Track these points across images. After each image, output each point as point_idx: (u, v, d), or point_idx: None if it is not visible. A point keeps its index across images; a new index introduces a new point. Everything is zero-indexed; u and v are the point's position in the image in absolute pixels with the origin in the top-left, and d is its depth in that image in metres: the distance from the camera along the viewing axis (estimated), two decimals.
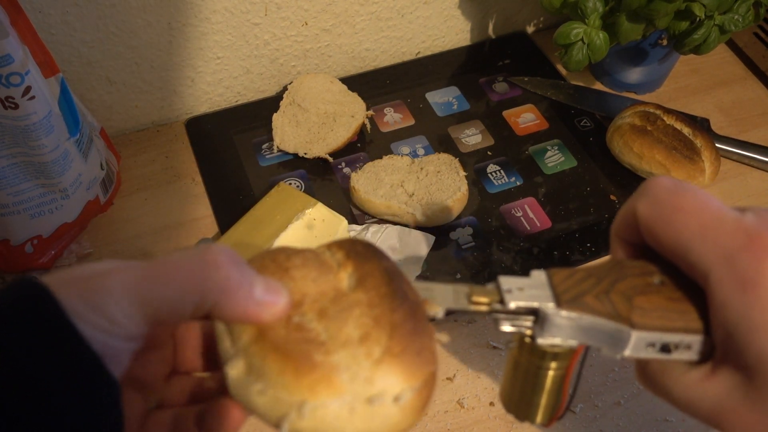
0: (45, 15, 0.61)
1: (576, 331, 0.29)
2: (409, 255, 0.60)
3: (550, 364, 0.30)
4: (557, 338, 0.29)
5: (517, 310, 0.29)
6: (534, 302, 0.29)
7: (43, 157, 0.54)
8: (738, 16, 0.64)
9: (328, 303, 0.27)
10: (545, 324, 0.29)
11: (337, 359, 0.25)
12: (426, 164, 0.66)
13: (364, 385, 0.25)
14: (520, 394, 0.32)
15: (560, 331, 0.29)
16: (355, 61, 0.80)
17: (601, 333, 0.29)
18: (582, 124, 0.75)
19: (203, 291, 0.24)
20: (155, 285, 0.24)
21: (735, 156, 0.73)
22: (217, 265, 0.25)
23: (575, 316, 0.28)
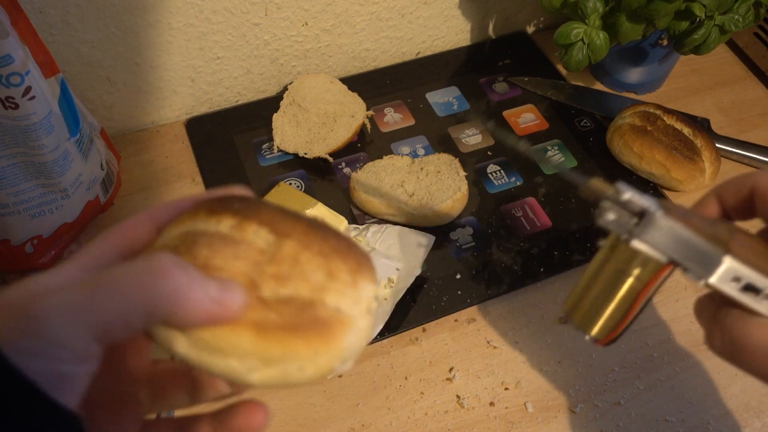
0: (45, 15, 0.61)
1: (672, 242, 0.30)
2: (409, 255, 0.60)
3: (634, 270, 0.31)
4: (652, 246, 0.30)
5: (628, 203, 0.30)
6: (646, 202, 0.30)
7: (43, 157, 0.54)
8: (738, 16, 0.64)
9: (271, 267, 0.26)
10: (648, 225, 0.30)
11: (332, 303, 0.26)
12: (426, 164, 0.66)
13: (359, 305, 0.27)
14: (591, 298, 0.33)
15: (659, 238, 0.30)
16: (355, 61, 0.80)
17: (696, 250, 0.29)
18: (582, 124, 0.75)
19: (153, 301, 0.23)
20: (98, 301, 0.23)
21: (735, 156, 0.73)
22: (164, 273, 0.23)
23: (678, 226, 0.29)
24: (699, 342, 0.59)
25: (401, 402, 0.55)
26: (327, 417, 0.54)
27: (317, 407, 0.54)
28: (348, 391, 0.55)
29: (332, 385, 0.56)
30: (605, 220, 0.31)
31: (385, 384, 0.56)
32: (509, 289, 0.61)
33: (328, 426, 0.54)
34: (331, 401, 0.55)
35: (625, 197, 0.30)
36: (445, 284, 0.61)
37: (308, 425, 0.54)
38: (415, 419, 0.54)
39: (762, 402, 0.56)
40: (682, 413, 0.55)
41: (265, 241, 0.27)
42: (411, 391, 0.56)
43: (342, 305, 0.26)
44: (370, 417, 0.54)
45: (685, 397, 0.56)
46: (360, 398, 0.55)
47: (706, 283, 0.29)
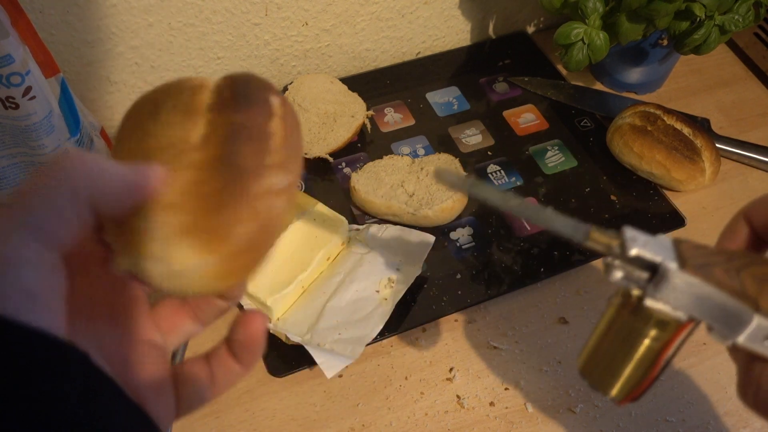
0: (46, 15, 0.61)
1: (692, 300, 0.26)
2: (409, 255, 0.60)
3: (651, 331, 0.28)
4: (668, 304, 0.27)
5: (636, 260, 0.27)
6: (657, 256, 0.26)
7: (43, 157, 0.54)
8: (738, 16, 0.64)
9: (170, 158, 0.26)
10: (662, 283, 0.26)
11: (148, 222, 0.24)
12: (426, 164, 0.66)
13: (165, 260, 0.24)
14: (606, 358, 0.29)
15: (675, 296, 0.26)
16: (355, 62, 0.80)
17: (719, 308, 0.26)
18: (582, 125, 0.75)
19: (73, 192, 0.22)
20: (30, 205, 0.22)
21: (735, 156, 0.73)
22: (75, 158, 0.23)
23: (697, 283, 0.26)
24: (699, 342, 0.59)
25: (401, 402, 0.55)
26: (327, 417, 0.54)
27: (317, 407, 0.54)
28: (348, 391, 0.55)
29: (332, 385, 0.56)
30: (613, 279, 0.27)
31: (385, 384, 0.56)
32: (509, 289, 0.61)
33: (328, 426, 0.54)
34: (331, 401, 0.55)
35: (633, 253, 0.26)
36: (445, 284, 0.61)
37: (308, 425, 0.54)
38: (415, 419, 0.54)
39: None
40: (682, 413, 0.55)
41: (196, 138, 0.26)
42: (411, 391, 0.56)
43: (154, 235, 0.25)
44: (370, 417, 0.54)
45: (685, 397, 0.56)
46: (360, 398, 0.55)
47: (734, 344, 0.26)
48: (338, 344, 0.54)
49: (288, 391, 0.55)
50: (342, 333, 0.55)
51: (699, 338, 0.59)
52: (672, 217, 0.67)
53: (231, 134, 0.25)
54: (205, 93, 0.27)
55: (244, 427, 0.53)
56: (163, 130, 0.26)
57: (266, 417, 0.54)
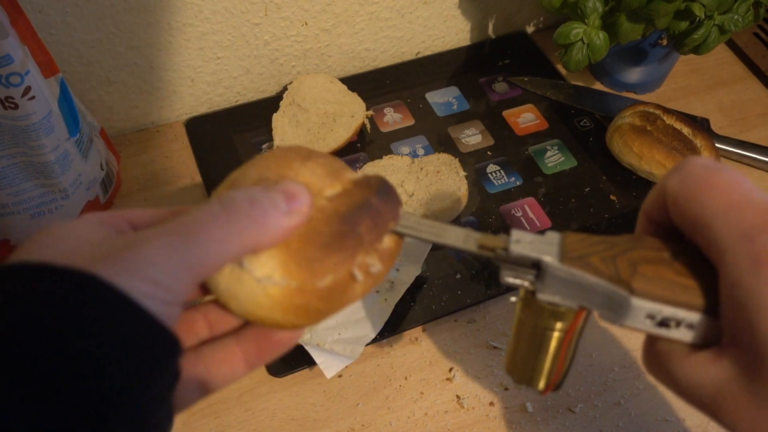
0: (45, 15, 0.61)
1: (575, 290, 0.28)
2: (408, 255, 0.60)
3: (552, 323, 0.30)
4: (557, 296, 0.29)
5: (519, 260, 0.29)
6: (536, 254, 0.28)
7: (43, 157, 0.54)
8: (738, 16, 0.64)
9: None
10: (545, 278, 0.28)
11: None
12: (426, 164, 0.66)
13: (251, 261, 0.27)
14: (521, 354, 0.32)
15: (560, 288, 0.28)
16: (354, 61, 0.80)
17: (600, 295, 0.28)
18: (582, 124, 0.75)
19: (240, 241, 0.25)
20: (194, 248, 0.24)
21: (735, 156, 0.73)
22: (240, 210, 0.25)
23: (575, 273, 0.28)
24: None
25: (401, 402, 0.55)
26: (327, 417, 0.54)
27: (317, 407, 0.54)
28: (348, 391, 0.55)
29: (332, 385, 0.56)
30: (503, 281, 0.29)
31: (385, 384, 0.56)
32: (509, 289, 0.61)
33: (328, 426, 0.54)
34: (331, 401, 0.55)
35: (515, 254, 0.28)
36: (445, 284, 0.61)
37: (308, 425, 0.54)
38: (415, 419, 0.54)
39: None
40: (682, 413, 0.55)
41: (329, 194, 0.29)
42: (411, 391, 0.56)
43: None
44: (370, 417, 0.54)
45: None
46: (360, 398, 0.55)
47: (621, 325, 0.28)
48: (338, 344, 0.54)
49: (288, 391, 0.55)
50: (342, 333, 0.55)
51: None
52: None
53: (362, 205, 0.28)
54: (352, 173, 0.30)
55: (244, 427, 0.53)
56: (305, 173, 0.29)
57: (266, 417, 0.54)
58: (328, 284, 0.27)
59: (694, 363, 0.27)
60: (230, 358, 0.29)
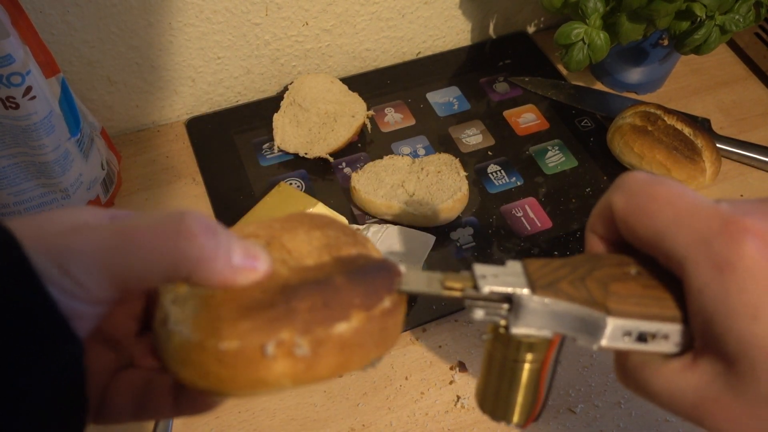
0: (46, 15, 0.61)
1: (551, 319, 0.28)
2: (409, 255, 0.60)
3: (526, 356, 0.29)
4: (532, 327, 0.28)
5: (490, 296, 0.28)
6: (508, 288, 0.28)
7: (43, 157, 0.54)
8: (739, 16, 0.64)
9: (279, 261, 0.27)
10: (520, 311, 0.28)
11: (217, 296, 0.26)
12: (426, 164, 0.66)
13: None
14: (495, 390, 0.31)
15: (535, 319, 0.28)
16: (355, 61, 0.80)
17: (577, 320, 0.28)
18: (583, 125, 0.75)
19: (176, 262, 0.24)
20: (125, 254, 0.23)
21: (736, 156, 0.73)
22: (191, 235, 0.24)
23: (550, 302, 0.27)
24: None
25: (401, 402, 0.55)
26: (327, 417, 0.54)
27: (317, 407, 0.54)
28: (348, 391, 0.55)
29: (333, 385, 0.56)
30: (476, 319, 0.29)
31: (386, 384, 0.56)
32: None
33: (329, 426, 0.54)
34: (332, 401, 0.55)
35: (486, 291, 0.28)
36: None
37: (308, 425, 0.54)
38: (416, 419, 0.54)
39: None
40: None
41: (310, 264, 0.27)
42: (411, 391, 0.56)
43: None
44: (371, 417, 0.54)
45: None
46: (360, 398, 0.55)
47: (599, 347, 0.28)
48: None
49: (288, 391, 0.55)
50: None
51: None
52: None
53: (317, 281, 0.26)
54: (353, 249, 0.28)
55: (244, 427, 0.53)
56: (302, 240, 0.27)
57: (266, 417, 0.54)
58: (230, 349, 0.24)
59: (671, 372, 0.27)
60: (162, 394, 0.28)
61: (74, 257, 0.23)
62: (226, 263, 0.24)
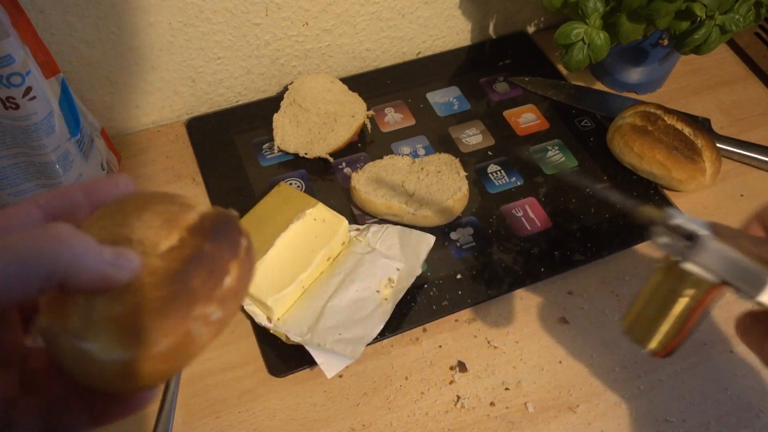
0: (46, 15, 0.61)
1: (723, 264, 0.31)
2: (409, 255, 0.60)
3: (687, 290, 0.33)
4: (703, 267, 0.32)
5: (678, 228, 0.32)
6: (695, 226, 0.32)
7: (43, 157, 0.54)
8: (739, 16, 0.64)
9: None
10: (699, 248, 0.32)
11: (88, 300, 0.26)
12: (426, 164, 0.66)
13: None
14: (647, 314, 0.35)
15: (709, 260, 0.31)
16: (355, 61, 0.80)
17: (745, 271, 0.31)
18: (582, 124, 0.75)
19: (49, 264, 0.23)
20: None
21: (736, 156, 0.73)
22: (61, 237, 0.24)
23: (727, 248, 0.31)
24: (699, 342, 0.59)
25: (401, 402, 0.55)
26: (327, 417, 0.54)
27: (317, 407, 0.54)
28: (348, 391, 0.55)
29: (333, 385, 0.56)
30: (658, 243, 0.33)
31: (386, 384, 0.56)
32: (509, 289, 0.61)
33: (329, 426, 0.54)
34: (332, 401, 0.55)
35: (675, 222, 0.32)
36: (445, 284, 0.61)
37: (308, 425, 0.54)
38: (416, 419, 0.54)
39: (762, 402, 0.56)
40: (683, 413, 0.55)
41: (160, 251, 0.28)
42: (411, 391, 0.56)
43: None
44: (371, 417, 0.54)
45: (685, 397, 0.56)
46: (360, 398, 0.55)
47: (757, 301, 0.31)
48: (338, 344, 0.54)
49: (288, 391, 0.55)
50: (342, 333, 0.55)
51: (700, 339, 0.59)
52: None
53: (195, 256, 0.27)
54: (191, 214, 0.29)
55: (244, 427, 0.53)
56: (141, 227, 0.28)
57: (266, 417, 0.54)
58: (165, 348, 0.26)
59: None
60: (73, 408, 0.28)
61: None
62: (100, 259, 0.24)
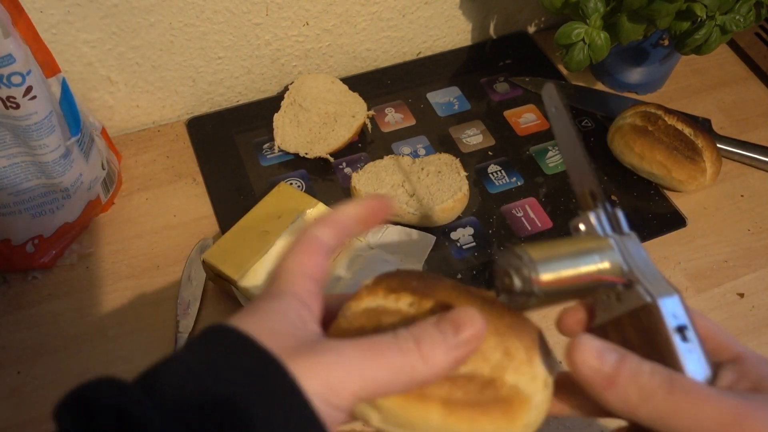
0: (46, 15, 0.61)
1: (641, 263, 0.31)
2: (409, 255, 0.60)
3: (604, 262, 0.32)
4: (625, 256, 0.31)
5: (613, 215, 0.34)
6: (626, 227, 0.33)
7: (44, 156, 0.54)
8: (739, 16, 0.64)
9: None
10: (630, 239, 0.32)
11: (511, 381, 0.28)
12: (427, 164, 0.66)
13: (536, 381, 0.28)
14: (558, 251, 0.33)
15: (633, 252, 0.31)
16: (356, 61, 0.80)
17: (655, 277, 0.31)
18: (583, 125, 0.75)
19: (411, 378, 0.26)
20: (369, 370, 0.26)
21: (736, 156, 0.73)
22: (426, 357, 0.26)
23: (647, 255, 0.32)
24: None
25: None
26: None
27: None
28: None
29: None
30: (591, 220, 0.33)
31: None
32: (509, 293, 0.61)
33: None
34: None
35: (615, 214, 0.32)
36: None
37: None
38: None
39: None
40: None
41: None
42: None
43: (520, 383, 0.28)
44: None
45: None
46: None
47: (654, 304, 0.29)
48: None
49: None
50: None
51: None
52: (673, 218, 0.67)
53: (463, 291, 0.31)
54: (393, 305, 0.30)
55: None
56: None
57: None
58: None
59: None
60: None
61: (344, 386, 0.26)
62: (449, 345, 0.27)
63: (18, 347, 0.57)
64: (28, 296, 0.60)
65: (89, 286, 0.61)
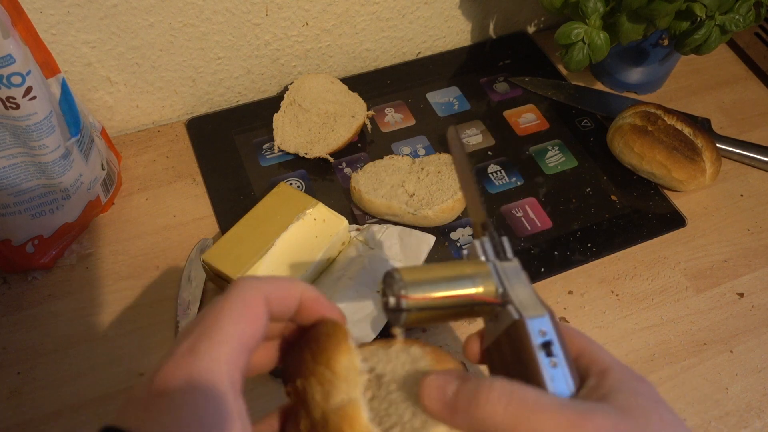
0: (46, 15, 0.61)
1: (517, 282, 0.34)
2: (409, 255, 0.60)
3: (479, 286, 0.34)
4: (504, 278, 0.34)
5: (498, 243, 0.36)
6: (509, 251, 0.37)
7: (44, 157, 0.54)
8: (739, 16, 0.64)
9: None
10: (511, 265, 0.35)
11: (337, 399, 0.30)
12: (427, 164, 0.66)
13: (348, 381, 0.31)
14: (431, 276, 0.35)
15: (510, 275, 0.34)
16: (355, 62, 0.80)
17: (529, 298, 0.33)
18: (583, 125, 0.75)
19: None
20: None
21: (736, 156, 0.73)
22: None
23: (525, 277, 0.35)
24: (699, 342, 0.59)
25: None
26: None
27: None
28: None
29: None
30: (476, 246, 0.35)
31: None
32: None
33: None
34: None
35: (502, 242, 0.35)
36: None
37: None
38: None
39: (762, 402, 0.56)
40: (683, 413, 0.55)
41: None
42: None
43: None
44: None
45: (685, 397, 0.56)
46: None
47: (521, 320, 0.31)
48: None
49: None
50: None
51: (699, 339, 0.59)
52: (672, 217, 0.67)
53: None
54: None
55: None
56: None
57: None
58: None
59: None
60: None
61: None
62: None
63: (18, 348, 0.57)
64: (28, 297, 0.60)
65: (89, 287, 0.61)
